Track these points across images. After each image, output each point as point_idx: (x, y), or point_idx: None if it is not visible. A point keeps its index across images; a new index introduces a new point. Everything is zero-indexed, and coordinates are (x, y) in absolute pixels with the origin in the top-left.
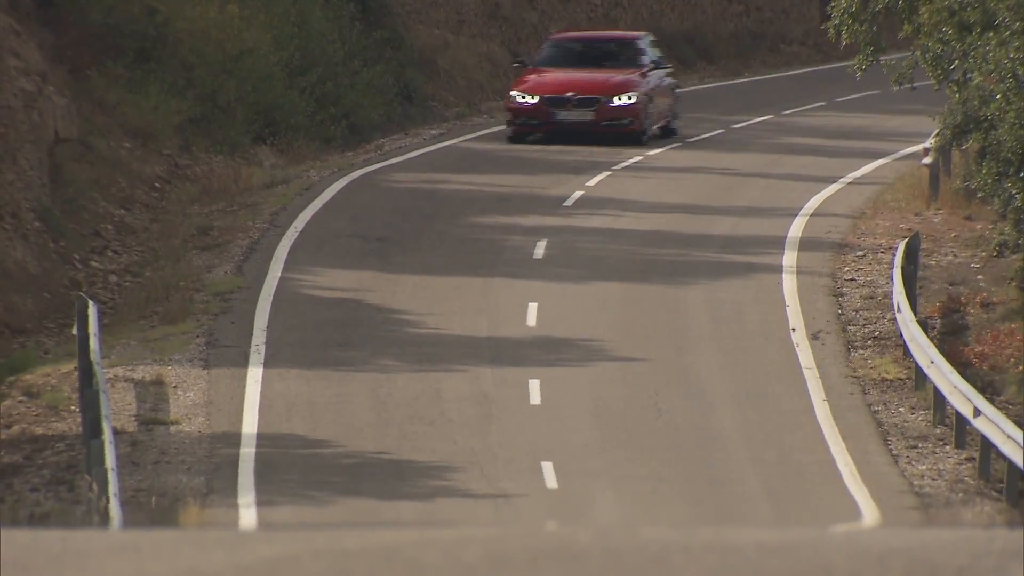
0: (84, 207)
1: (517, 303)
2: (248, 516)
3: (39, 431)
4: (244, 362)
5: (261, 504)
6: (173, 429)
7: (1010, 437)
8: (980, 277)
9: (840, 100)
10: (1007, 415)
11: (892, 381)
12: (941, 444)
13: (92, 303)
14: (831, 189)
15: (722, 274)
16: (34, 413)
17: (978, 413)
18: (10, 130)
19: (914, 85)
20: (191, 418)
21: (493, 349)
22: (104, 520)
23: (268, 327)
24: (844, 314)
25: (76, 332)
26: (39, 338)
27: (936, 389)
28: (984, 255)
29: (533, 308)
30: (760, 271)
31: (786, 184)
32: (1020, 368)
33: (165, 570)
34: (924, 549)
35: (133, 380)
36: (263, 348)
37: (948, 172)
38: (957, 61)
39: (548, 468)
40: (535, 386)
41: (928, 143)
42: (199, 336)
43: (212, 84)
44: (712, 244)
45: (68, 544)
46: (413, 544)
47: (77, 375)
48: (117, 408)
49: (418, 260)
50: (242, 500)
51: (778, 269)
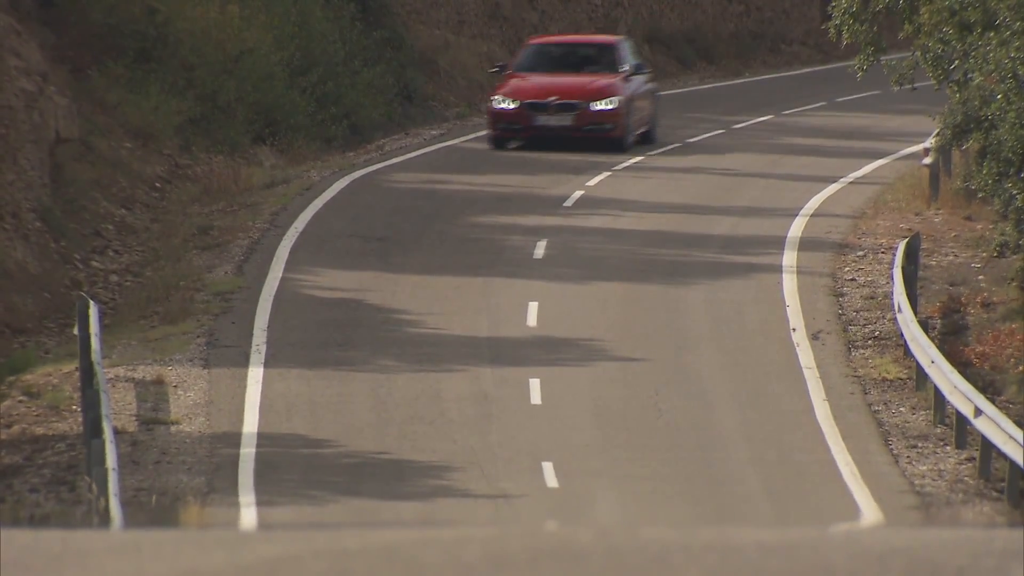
0: (85, 207)
1: (517, 303)
2: (248, 516)
3: (40, 431)
4: (244, 362)
5: (261, 504)
6: (174, 429)
7: (1011, 437)
8: (981, 277)
9: (840, 100)
10: (1008, 415)
11: (893, 381)
12: (942, 444)
13: (93, 303)
14: (831, 189)
15: (722, 274)
16: (35, 413)
17: (979, 413)
18: (11, 130)
19: (914, 85)
20: (192, 418)
21: (493, 349)
22: (104, 520)
23: (268, 327)
24: (844, 314)
25: (77, 332)
26: (40, 338)
27: (937, 389)
28: (985, 255)
29: (533, 308)
30: (760, 271)
31: (786, 184)
32: (1020, 368)
33: (165, 570)
34: (925, 549)
35: (134, 380)
36: (263, 348)
37: (948, 172)
38: (957, 61)
39: (548, 468)
40: (535, 386)
41: (928, 143)
42: (200, 336)
43: (212, 84)
44: (712, 244)
45: (68, 544)
46: (413, 544)
47: (78, 375)
48: (118, 408)
49: (418, 260)
50: (242, 500)
51: (778, 269)
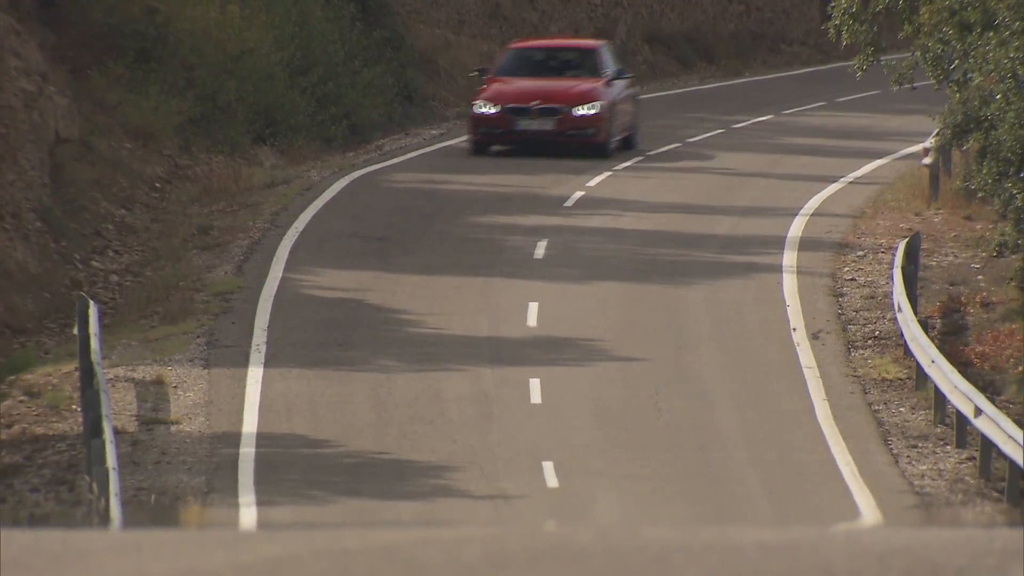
0: (85, 207)
1: (517, 303)
2: (248, 516)
3: (40, 431)
4: (244, 362)
5: (261, 504)
6: (174, 429)
7: (1011, 437)
8: (980, 277)
9: (840, 100)
10: (1008, 415)
11: (892, 381)
12: (942, 444)
13: (93, 303)
14: (831, 189)
15: (722, 274)
16: (35, 413)
17: (979, 412)
18: (11, 130)
19: (914, 85)
20: (191, 418)
21: (493, 349)
22: (105, 520)
23: (268, 327)
24: (844, 314)
25: (77, 332)
26: (40, 338)
27: (937, 389)
28: (984, 255)
29: (533, 308)
30: (760, 271)
31: (786, 184)
32: (1020, 368)
33: (166, 570)
34: (925, 549)
35: (134, 380)
36: (263, 348)
37: (948, 172)
38: (957, 61)
39: (548, 468)
40: (535, 385)
41: (928, 143)
42: (200, 336)
43: (213, 84)
44: (712, 244)
45: (68, 544)
46: (413, 544)
47: (78, 375)
48: (118, 408)
49: (418, 260)
50: (242, 500)
51: (778, 269)
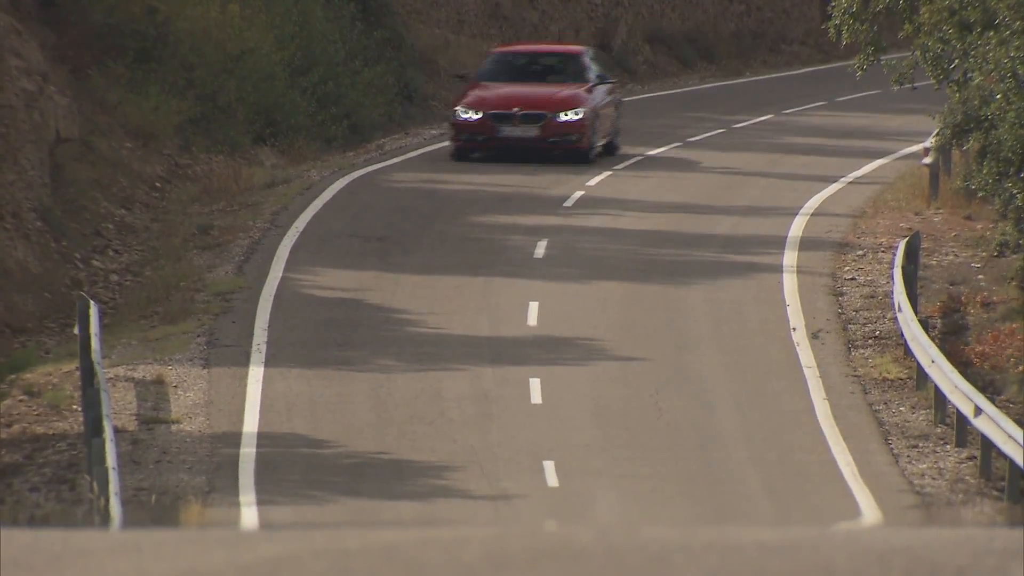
0: (85, 207)
1: (518, 303)
2: (249, 515)
3: (40, 430)
4: (245, 362)
5: (262, 504)
6: (174, 428)
7: (1011, 436)
8: (981, 277)
9: (840, 100)
10: (1008, 414)
11: (893, 380)
12: (942, 443)
13: (93, 303)
14: (831, 189)
15: (722, 274)
16: (35, 412)
17: (979, 412)
18: (11, 130)
19: (914, 85)
20: (192, 417)
21: (494, 348)
22: (105, 520)
23: (269, 327)
24: (844, 313)
25: (77, 332)
26: (40, 338)
27: (937, 388)
28: (984, 255)
29: (534, 307)
30: (760, 271)
31: (786, 184)
32: (1020, 368)
33: (166, 570)
34: (925, 548)
35: (134, 379)
36: (264, 348)
37: (948, 172)
38: (957, 61)
39: (549, 467)
40: (536, 385)
41: (928, 143)
42: (200, 336)
43: (213, 84)
44: (712, 244)
45: (69, 544)
46: (413, 544)
47: (78, 374)
48: (118, 407)
49: (419, 260)
50: (243, 499)
51: (778, 269)
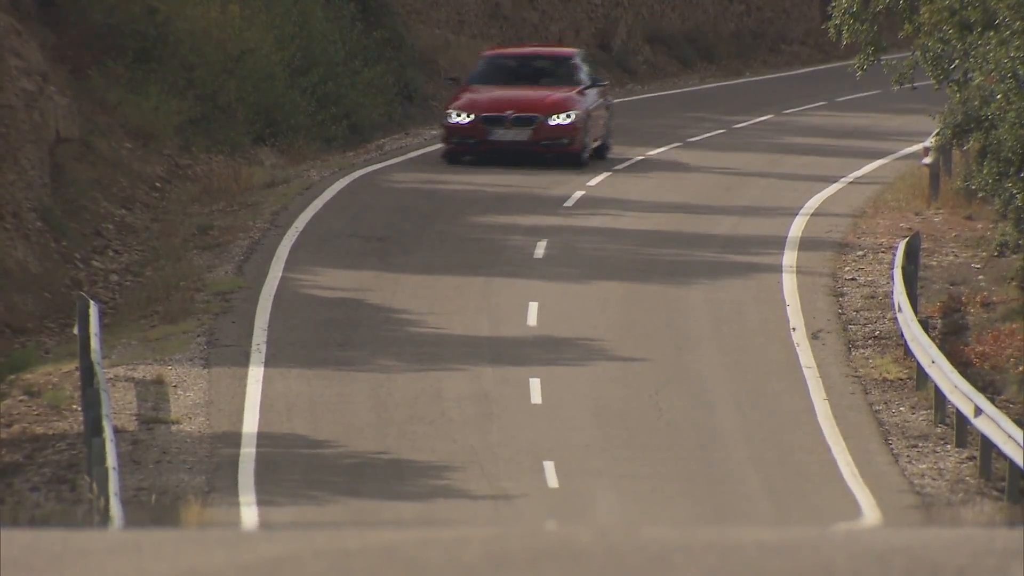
0: (85, 207)
1: (518, 303)
2: (249, 516)
3: (40, 430)
4: (245, 362)
5: (262, 504)
6: (174, 428)
7: (1011, 436)
8: (981, 277)
9: (840, 100)
10: (1008, 414)
11: (893, 380)
12: (942, 443)
13: (93, 303)
14: (831, 189)
15: (722, 274)
16: (35, 412)
17: (979, 412)
18: (11, 130)
19: (914, 85)
20: (192, 417)
21: (494, 348)
22: (105, 520)
23: (269, 327)
24: (844, 314)
25: (77, 332)
26: (40, 338)
27: (937, 388)
28: (985, 255)
29: (534, 308)
30: (760, 271)
31: (786, 184)
32: (1020, 368)
33: (166, 570)
34: (925, 548)
35: (134, 379)
36: (264, 348)
37: (949, 172)
38: (957, 61)
39: (549, 467)
40: (536, 385)
41: (928, 143)
42: (200, 336)
43: (213, 84)
44: (712, 244)
45: (69, 544)
46: (413, 544)
47: (78, 374)
48: (118, 407)
49: (419, 260)
50: (243, 500)
51: (778, 269)
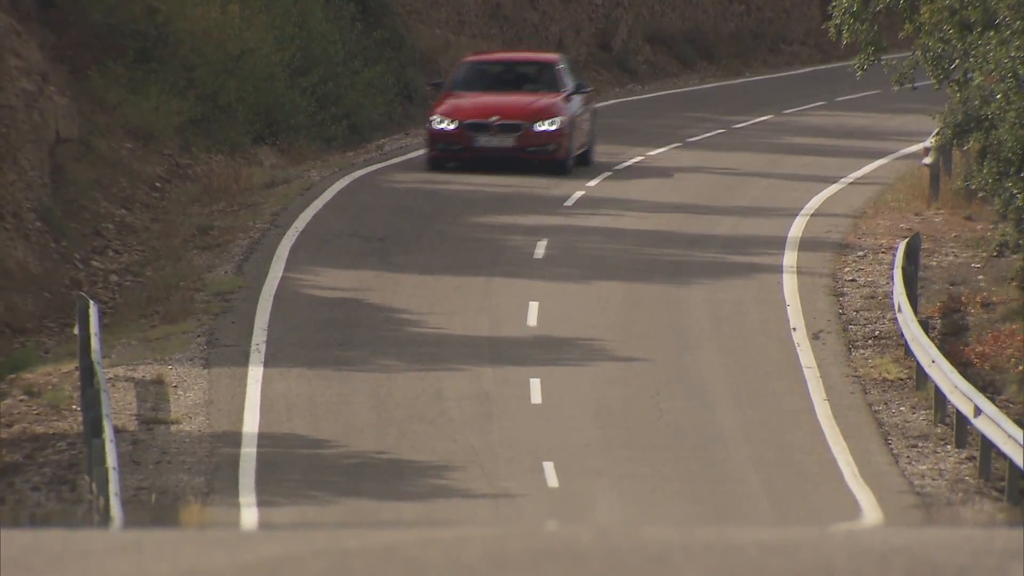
0: (85, 207)
1: (518, 303)
2: (249, 516)
3: (40, 430)
4: (245, 362)
5: (262, 504)
6: (174, 428)
7: (1011, 436)
8: (981, 277)
9: (841, 100)
10: (1008, 414)
11: (893, 381)
12: (942, 443)
13: (93, 303)
14: (832, 189)
15: (723, 274)
16: (35, 412)
17: (979, 412)
18: (11, 130)
19: (915, 85)
20: (192, 417)
21: (494, 348)
22: (105, 520)
23: (269, 327)
24: (845, 314)
25: (77, 331)
26: (40, 337)
27: (937, 388)
28: (985, 255)
29: (534, 307)
30: (761, 271)
31: (787, 184)
32: (1020, 368)
33: (166, 570)
34: (925, 548)
35: (134, 379)
36: (264, 348)
37: (949, 172)
38: (958, 60)
39: (549, 467)
40: (536, 385)
41: (928, 143)
42: (200, 336)
43: (213, 84)
44: (713, 244)
45: (69, 544)
46: (413, 544)
47: (78, 374)
48: (118, 407)
49: (419, 260)
50: (243, 500)
51: (779, 269)
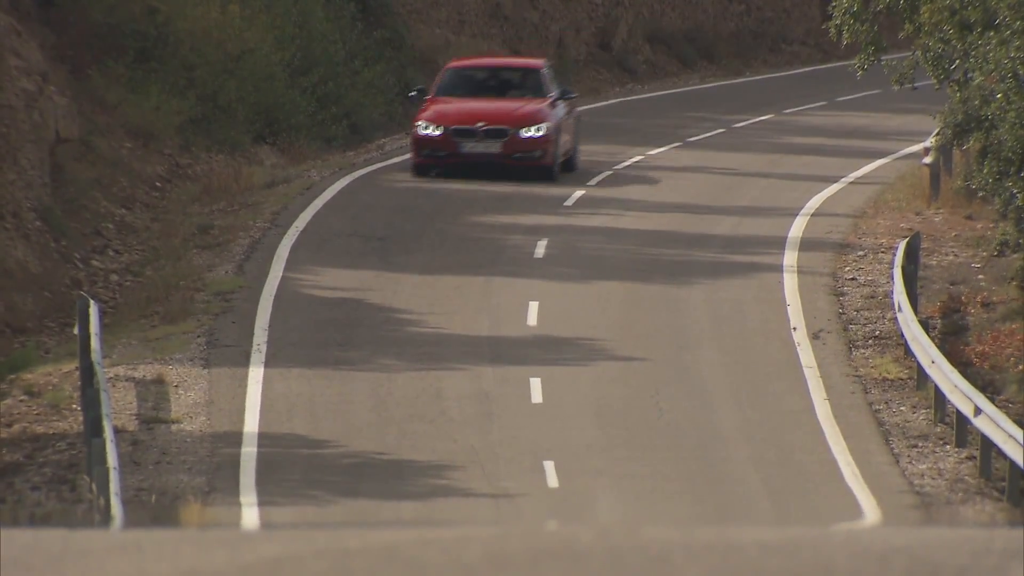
0: (85, 206)
1: (518, 302)
2: (249, 516)
3: (40, 430)
4: (245, 361)
5: (262, 504)
6: (174, 428)
7: (1011, 436)
8: (981, 277)
9: (841, 99)
10: (1008, 414)
11: (893, 380)
12: (942, 443)
13: (93, 302)
14: (832, 189)
15: (723, 274)
16: (35, 412)
17: (979, 412)
18: (11, 130)
19: (915, 84)
20: (192, 417)
21: (494, 348)
22: (105, 519)
23: (269, 326)
24: (845, 313)
25: (77, 331)
26: (40, 337)
27: (937, 388)
28: (985, 254)
29: (534, 307)
30: (761, 271)
31: (787, 184)
32: (1020, 367)
33: (166, 570)
34: (925, 548)
35: (134, 379)
36: (264, 347)
37: (949, 171)
38: (958, 60)
39: (549, 467)
40: (536, 385)
41: (929, 142)
42: (200, 335)
43: (213, 84)
44: (713, 244)
45: (69, 543)
46: (413, 544)
47: (78, 374)
48: (118, 407)
49: (419, 259)
50: (243, 500)
51: (779, 269)
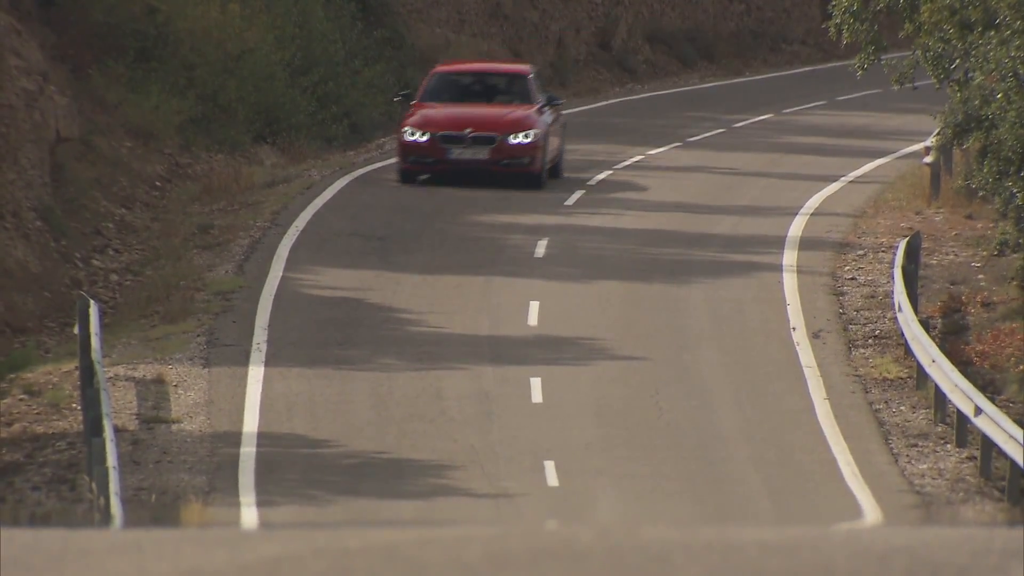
0: (85, 206)
1: (518, 302)
2: (249, 515)
3: (40, 429)
4: (245, 361)
5: (262, 503)
6: (174, 428)
7: (1011, 436)
8: (981, 276)
9: (841, 99)
10: (1008, 414)
11: (893, 380)
12: (942, 443)
13: (93, 302)
14: (832, 188)
15: (723, 273)
16: (35, 411)
17: (979, 412)
18: (11, 129)
19: (915, 84)
20: (192, 417)
21: (494, 348)
22: (105, 519)
23: (269, 326)
24: (845, 313)
25: (77, 331)
26: (40, 337)
27: (937, 388)
28: (985, 254)
29: (534, 307)
30: (761, 270)
31: (787, 183)
32: (1021, 367)
33: (167, 569)
34: (925, 548)
35: (134, 379)
36: (264, 347)
37: (949, 171)
38: (958, 60)
39: (549, 467)
40: (536, 384)
41: (929, 142)
42: (200, 335)
43: (213, 84)
44: (713, 243)
45: (69, 543)
46: (413, 543)
47: (78, 374)
48: (118, 407)
49: (419, 259)
50: (243, 499)
51: (779, 268)
